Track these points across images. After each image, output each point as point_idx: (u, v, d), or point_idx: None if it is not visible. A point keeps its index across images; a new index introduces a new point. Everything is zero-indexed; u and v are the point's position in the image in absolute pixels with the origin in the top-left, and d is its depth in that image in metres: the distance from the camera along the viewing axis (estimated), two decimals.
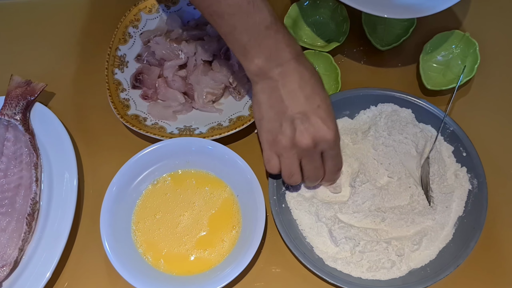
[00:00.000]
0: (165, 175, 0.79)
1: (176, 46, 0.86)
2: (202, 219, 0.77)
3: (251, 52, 0.67)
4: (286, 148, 0.69)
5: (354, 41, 0.92)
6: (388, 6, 0.78)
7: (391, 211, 0.76)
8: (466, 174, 0.78)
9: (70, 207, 0.77)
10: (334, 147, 0.70)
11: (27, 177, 0.79)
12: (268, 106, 0.69)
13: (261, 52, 0.67)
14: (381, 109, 0.83)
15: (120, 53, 0.88)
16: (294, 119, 0.67)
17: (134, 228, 0.76)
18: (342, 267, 0.73)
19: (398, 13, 0.78)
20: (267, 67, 0.67)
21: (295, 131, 0.67)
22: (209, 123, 0.83)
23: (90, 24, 0.96)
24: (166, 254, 0.75)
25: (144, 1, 0.91)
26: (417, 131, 0.80)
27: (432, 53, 0.88)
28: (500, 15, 0.94)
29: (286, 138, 0.68)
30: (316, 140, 0.67)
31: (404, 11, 0.78)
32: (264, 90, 0.69)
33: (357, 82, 0.87)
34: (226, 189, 0.78)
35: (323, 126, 0.67)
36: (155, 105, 0.85)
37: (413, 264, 0.74)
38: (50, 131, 0.83)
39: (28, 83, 0.86)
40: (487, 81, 0.89)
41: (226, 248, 0.75)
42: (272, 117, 0.69)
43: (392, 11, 0.77)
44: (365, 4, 0.76)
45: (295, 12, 0.90)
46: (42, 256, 0.75)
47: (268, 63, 0.67)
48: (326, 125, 0.67)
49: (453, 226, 0.75)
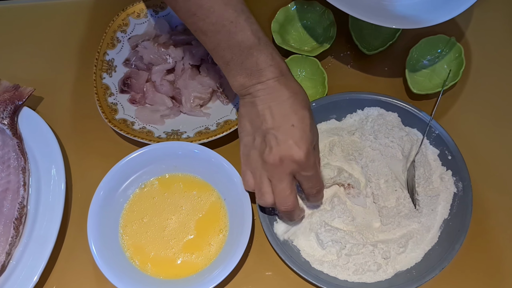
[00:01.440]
0: (152, 179, 0.79)
1: (164, 50, 0.86)
2: (189, 222, 0.77)
3: (233, 70, 0.69)
4: (257, 164, 0.69)
5: (341, 46, 0.92)
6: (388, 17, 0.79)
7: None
8: (451, 177, 0.78)
9: (57, 211, 0.77)
10: (306, 168, 0.67)
11: (14, 181, 0.79)
12: (246, 120, 0.70)
13: (243, 70, 0.68)
14: (368, 113, 0.83)
15: (108, 58, 0.88)
16: (266, 135, 0.67)
17: (121, 232, 0.76)
18: (328, 270, 0.74)
19: (400, 24, 0.78)
20: (248, 84, 0.68)
21: (266, 147, 0.67)
22: (197, 127, 0.83)
23: (78, 28, 0.96)
24: (153, 258, 0.75)
25: (132, 6, 0.91)
26: (403, 135, 0.81)
27: (418, 57, 0.89)
28: (485, 20, 0.95)
29: (256, 153, 0.69)
30: (283, 158, 0.66)
31: (404, 21, 0.78)
32: (246, 105, 0.70)
33: (344, 86, 0.88)
34: (213, 193, 0.79)
35: (293, 145, 0.66)
36: (143, 109, 0.85)
37: (399, 266, 0.74)
38: (38, 135, 0.83)
39: (16, 88, 0.86)
40: (473, 85, 0.90)
41: (213, 252, 0.75)
42: (249, 131, 0.70)
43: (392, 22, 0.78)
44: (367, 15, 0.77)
45: (283, 17, 0.91)
46: (30, 260, 0.75)
47: (249, 80, 0.68)
48: (297, 145, 0.66)
49: (438, 228, 0.76)
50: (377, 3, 0.82)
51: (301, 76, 0.89)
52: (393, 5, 0.81)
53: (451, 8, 0.78)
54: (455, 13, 0.78)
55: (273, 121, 0.67)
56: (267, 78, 0.67)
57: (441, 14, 0.78)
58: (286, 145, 0.66)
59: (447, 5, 0.79)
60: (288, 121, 0.66)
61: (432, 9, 0.80)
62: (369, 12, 0.78)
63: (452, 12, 0.78)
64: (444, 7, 0.79)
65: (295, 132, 0.66)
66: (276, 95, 0.67)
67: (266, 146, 0.67)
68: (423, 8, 0.80)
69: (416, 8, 0.81)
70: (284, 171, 0.67)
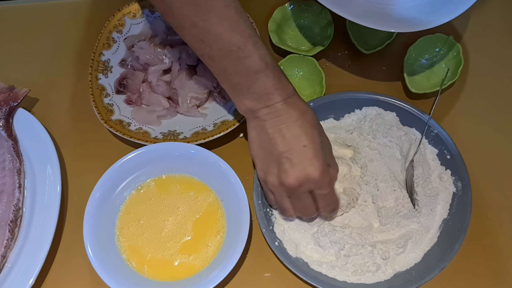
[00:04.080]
0: (149, 180, 0.79)
1: (160, 51, 0.86)
2: (187, 224, 0.76)
3: (240, 94, 0.69)
4: (275, 186, 0.70)
5: (338, 45, 0.92)
6: (388, 20, 0.79)
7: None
8: (450, 176, 0.78)
9: (53, 213, 0.76)
10: (322, 187, 0.69)
11: (10, 183, 0.78)
12: (258, 145, 0.70)
13: (250, 94, 0.68)
14: (366, 113, 0.83)
15: (104, 58, 0.87)
16: (279, 159, 0.68)
17: (118, 234, 0.76)
18: (327, 271, 0.73)
19: (399, 27, 0.78)
20: (256, 107, 0.68)
21: (280, 171, 0.68)
22: (194, 128, 0.82)
23: (73, 29, 0.96)
24: (150, 260, 0.74)
25: (128, 6, 0.91)
26: (401, 134, 0.80)
27: (416, 56, 0.88)
28: (483, 19, 0.95)
29: (273, 178, 0.69)
30: (300, 180, 0.67)
31: (404, 25, 0.78)
32: (255, 128, 0.70)
33: (342, 86, 0.88)
34: (210, 193, 0.78)
35: (308, 165, 0.67)
36: (139, 110, 0.84)
37: (398, 267, 0.74)
38: (33, 137, 0.82)
39: (11, 89, 0.85)
40: (471, 84, 0.89)
41: (210, 253, 0.74)
42: (262, 156, 0.70)
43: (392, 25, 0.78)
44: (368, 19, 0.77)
45: (280, 16, 0.90)
46: (25, 263, 0.74)
47: (256, 104, 0.68)
48: (311, 164, 0.67)
49: (438, 229, 0.76)
50: (376, 7, 0.81)
51: (298, 76, 0.89)
52: (392, 8, 0.81)
53: (450, 9, 0.78)
54: (454, 14, 0.77)
55: (285, 144, 0.67)
56: (275, 101, 0.67)
57: (440, 15, 0.77)
58: (300, 166, 0.67)
59: (446, 6, 0.79)
60: (299, 142, 0.67)
61: (432, 11, 0.79)
62: (369, 17, 0.78)
63: (452, 13, 0.77)
64: (443, 8, 0.78)
65: (308, 152, 0.67)
66: (285, 117, 0.67)
67: (281, 170, 0.68)
68: (422, 10, 0.80)
69: (416, 10, 0.80)
70: (302, 191, 0.69)
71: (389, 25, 0.78)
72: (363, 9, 0.80)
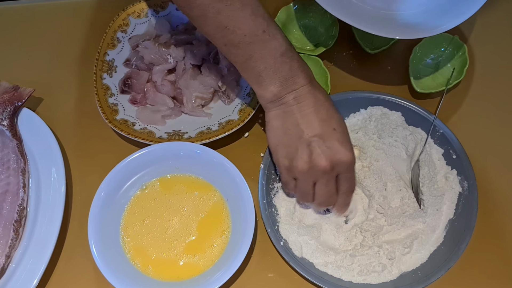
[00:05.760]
0: (153, 180, 0.79)
1: (165, 50, 0.85)
2: (191, 224, 0.76)
3: (266, 80, 0.68)
4: (303, 172, 0.69)
5: (343, 45, 0.92)
6: (394, 27, 0.79)
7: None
8: (456, 176, 0.78)
9: (57, 213, 0.76)
10: (350, 170, 0.69)
11: (14, 183, 0.78)
12: (282, 132, 0.69)
13: (277, 79, 0.67)
14: (371, 112, 0.83)
15: (108, 58, 0.87)
16: (310, 143, 0.67)
17: (122, 234, 0.76)
18: (332, 271, 0.73)
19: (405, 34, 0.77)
20: (282, 93, 0.67)
21: (312, 154, 0.67)
22: (198, 128, 0.82)
23: (78, 29, 0.96)
24: (155, 260, 0.74)
25: (132, 6, 0.91)
26: (407, 134, 0.80)
27: (421, 56, 0.88)
28: (488, 18, 0.94)
29: (303, 163, 0.68)
30: (333, 162, 0.67)
31: (411, 31, 0.78)
32: (279, 116, 0.69)
33: (347, 86, 0.87)
34: (215, 193, 0.78)
35: (341, 148, 0.67)
36: (144, 109, 0.84)
37: (404, 267, 0.73)
38: (38, 136, 0.82)
39: (16, 89, 0.85)
40: (477, 84, 0.89)
41: (215, 253, 0.74)
42: (287, 143, 0.69)
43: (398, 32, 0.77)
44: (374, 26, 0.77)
45: (284, 16, 0.90)
46: (29, 263, 0.74)
47: (283, 89, 0.67)
48: (343, 147, 0.67)
49: (444, 229, 0.75)
50: (382, 13, 0.81)
51: None
52: (398, 14, 0.80)
53: (455, 15, 0.77)
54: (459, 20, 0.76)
55: (315, 128, 0.67)
56: (301, 84, 0.67)
57: (446, 21, 0.77)
58: (334, 149, 0.67)
59: (451, 13, 0.78)
60: (329, 125, 0.67)
61: (438, 17, 0.78)
62: (375, 23, 0.78)
63: (457, 19, 0.76)
64: (448, 14, 0.78)
65: (338, 136, 0.67)
66: (312, 101, 0.67)
67: (313, 153, 0.67)
68: (428, 16, 0.79)
69: (421, 16, 0.80)
70: (332, 174, 0.68)
71: (395, 31, 0.77)
72: (369, 15, 0.80)
